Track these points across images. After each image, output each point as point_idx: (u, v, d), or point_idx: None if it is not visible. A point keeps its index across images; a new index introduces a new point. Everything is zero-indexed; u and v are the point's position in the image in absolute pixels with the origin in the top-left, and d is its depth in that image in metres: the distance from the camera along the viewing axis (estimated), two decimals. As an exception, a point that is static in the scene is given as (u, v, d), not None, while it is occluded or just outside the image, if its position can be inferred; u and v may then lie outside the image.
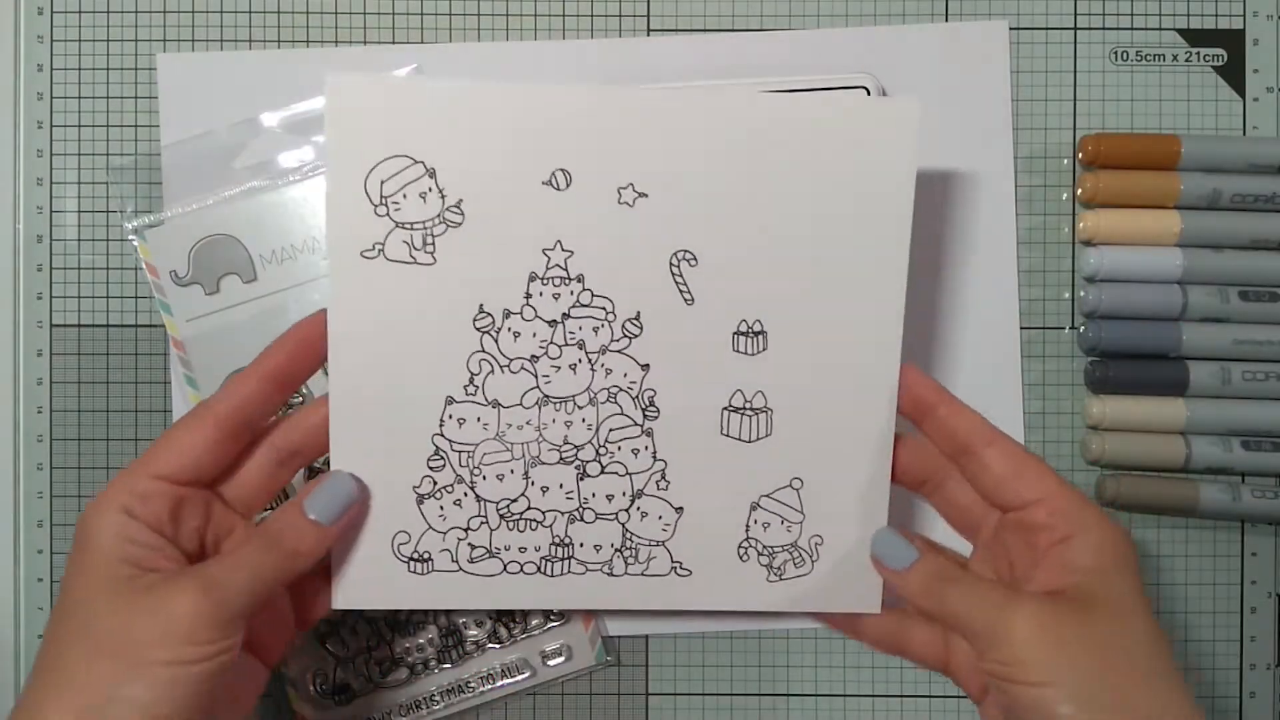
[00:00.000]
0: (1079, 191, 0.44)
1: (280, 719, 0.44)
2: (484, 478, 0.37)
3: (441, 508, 0.37)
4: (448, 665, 0.43)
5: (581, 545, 0.37)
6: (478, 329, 0.36)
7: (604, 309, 0.36)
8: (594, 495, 0.37)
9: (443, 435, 0.36)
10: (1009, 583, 0.35)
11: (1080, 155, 0.44)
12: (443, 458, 0.36)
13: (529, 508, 0.37)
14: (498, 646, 0.44)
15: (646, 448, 0.37)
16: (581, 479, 0.37)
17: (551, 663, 0.44)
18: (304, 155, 0.44)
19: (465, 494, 0.37)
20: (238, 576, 0.32)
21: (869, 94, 0.42)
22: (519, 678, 0.44)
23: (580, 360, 0.36)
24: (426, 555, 0.37)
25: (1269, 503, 0.42)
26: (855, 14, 0.45)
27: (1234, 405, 0.43)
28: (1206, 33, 0.45)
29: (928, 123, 0.44)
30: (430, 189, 0.35)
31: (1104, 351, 0.44)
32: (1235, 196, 0.43)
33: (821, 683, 0.45)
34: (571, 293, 0.36)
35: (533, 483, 0.37)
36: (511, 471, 0.37)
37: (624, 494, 0.37)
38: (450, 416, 0.36)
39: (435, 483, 0.36)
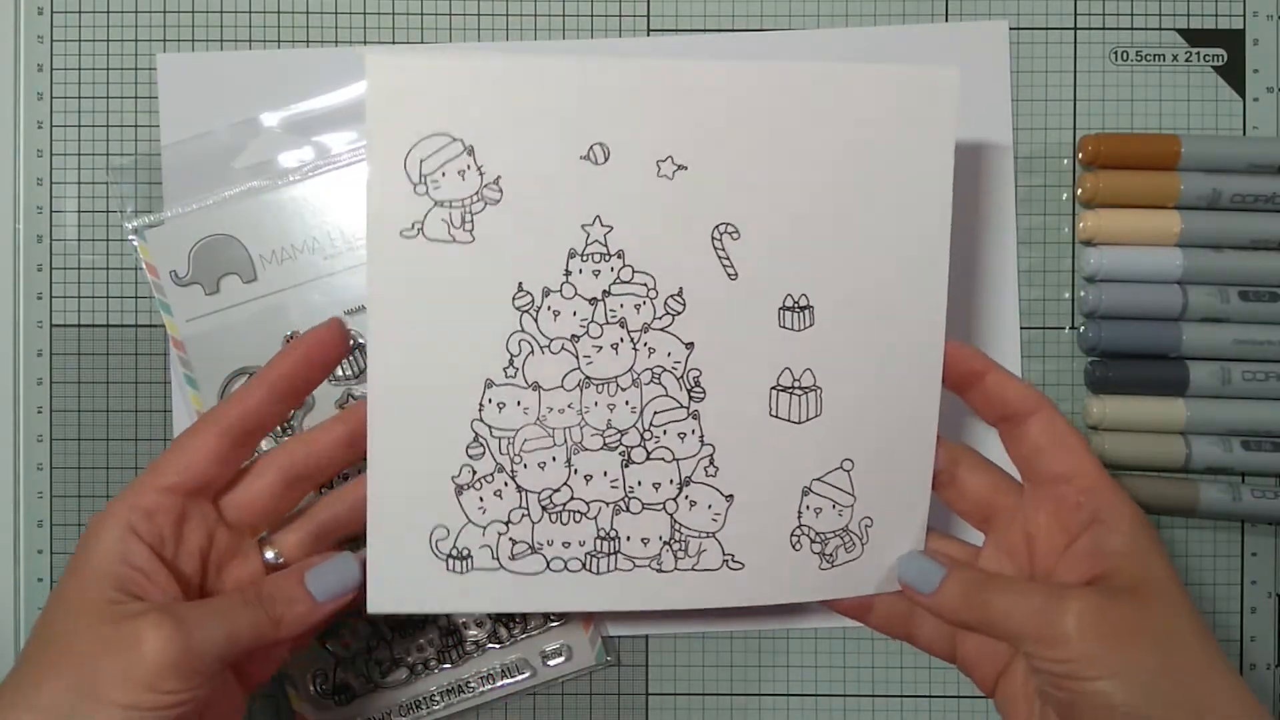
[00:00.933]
0: (1079, 191, 0.44)
1: (280, 719, 0.44)
2: (525, 466, 0.35)
3: (481, 499, 0.35)
4: (447, 665, 0.43)
5: (628, 539, 0.36)
6: (517, 308, 0.35)
7: (645, 285, 0.35)
8: (640, 483, 0.36)
9: (482, 420, 0.35)
10: (1043, 577, 0.34)
11: (1080, 155, 0.44)
12: (482, 445, 0.35)
13: (572, 498, 0.35)
14: (498, 646, 0.44)
15: (693, 431, 0.36)
16: (626, 466, 0.36)
17: (551, 663, 0.44)
18: (304, 155, 0.44)
19: (506, 484, 0.35)
20: (214, 629, 0.32)
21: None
22: (519, 678, 0.44)
23: (622, 339, 0.35)
24: (466, 552, 0.35)
25: (1269, 503, 0.42)
26: (855, 14, 0.45)
27: (1234, 405, 0.43)
28: (1206, 33, 0.45)
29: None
30: (469, 166, 0.34)
31: (1104, 351, 0.43)
32: (1235, 196, 0.43)
33: (821, 683, 0.45)
34: (612, 269, 0.35)
35: (576, 471, 0.35)
36: (553, 459, 0.35)
37: (671, 481, 0.36)
38: (490, 400, 0.35)
39: (474, 472, 0.35)
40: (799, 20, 0.45)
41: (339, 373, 0.43)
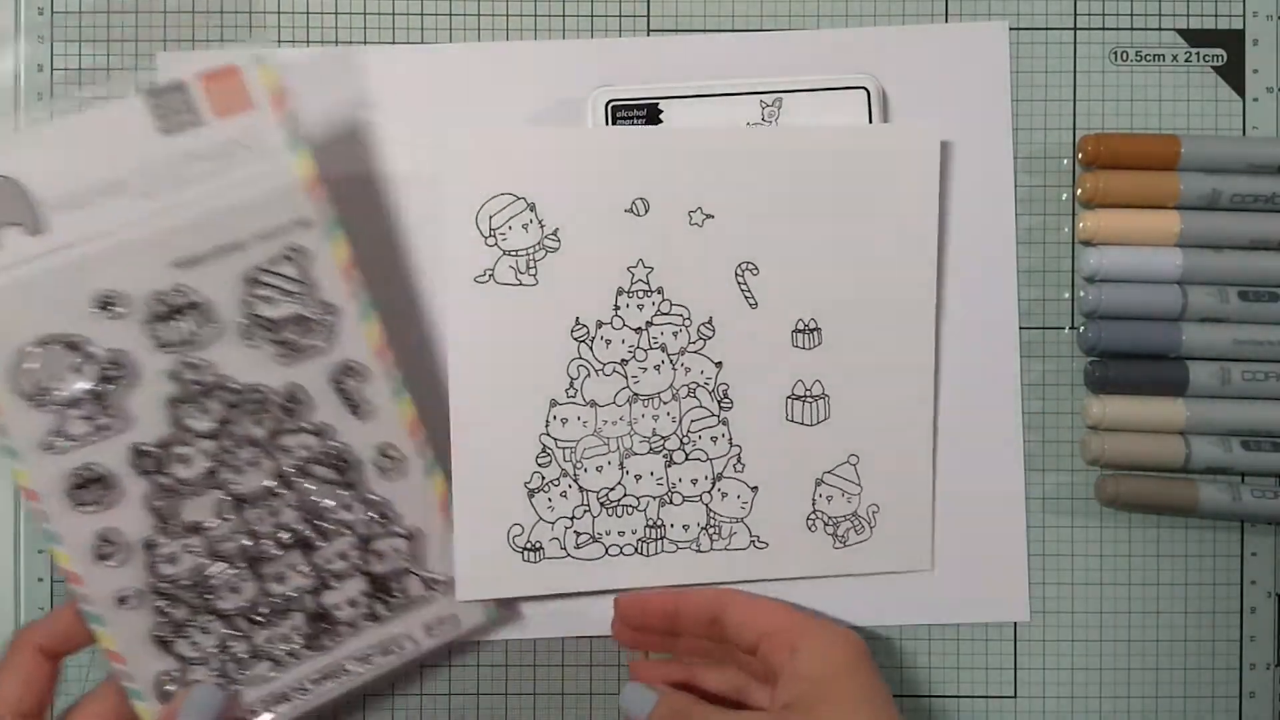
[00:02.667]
0: (1079, 191, 0.44)
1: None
2: (585, 470, 0.42)
3: (550, 500, 0.41)
4: (318, 651, 0.40)
5: (672, 526, 0.42)
6: (574, 339, 0.41)
7: (681, 316, 0.42)
8: (680, 480, 0.42)
9: (548, 434, 0.41)
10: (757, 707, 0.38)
11: (1080, 155, 0.44)
12: (549, 454, 0.41)
13: (625, 495, 0.42)
14: (374, 624, 0.40)
15: (724, 435, 0.42)
16: (669, 466, 0.42)
17: (435, 631, 0.41)
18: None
19: (570, 486, 0.42)
20: None
21: (869, 95, 0.42)
22: (400, 651, 0.40)
23: (663, 361, 0.42)
24: (538, 545, 0.42)
25: (1269, 503, 0.42)
26: (855, 14, 0.45)
27: (1234, 405, 0.43)
28: (1206, 33, 0.45)
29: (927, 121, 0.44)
30: (531, 220, 0.41)
31: (1104, 351, 0.44)
32: (1235, 197, 0.43)
33: (821, 682, 0.45)
34: (653, 303, 0.41)
35: (627, 472, 0.42)
36: (609, 463, 0.42)
37: (706, 477, 0.42)
38: (554, 417, 0.41)
39: (543, 477, 0.41)
40: (799, 20, 0.45)
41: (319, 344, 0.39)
